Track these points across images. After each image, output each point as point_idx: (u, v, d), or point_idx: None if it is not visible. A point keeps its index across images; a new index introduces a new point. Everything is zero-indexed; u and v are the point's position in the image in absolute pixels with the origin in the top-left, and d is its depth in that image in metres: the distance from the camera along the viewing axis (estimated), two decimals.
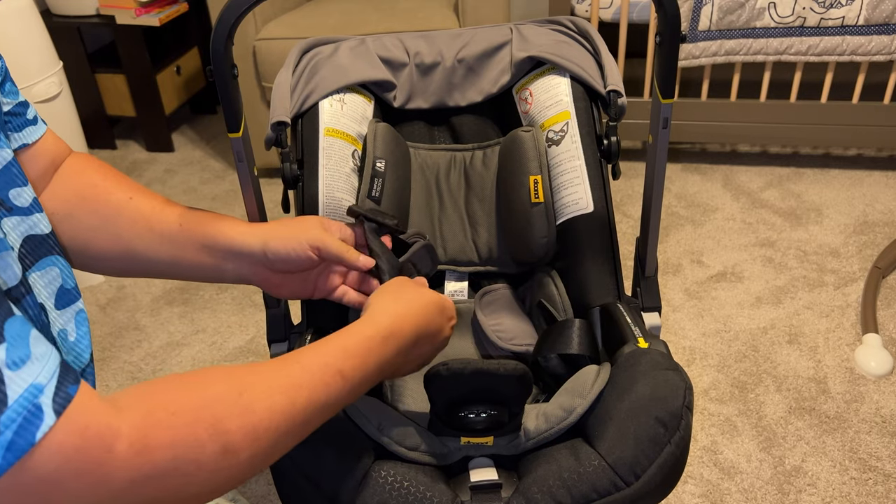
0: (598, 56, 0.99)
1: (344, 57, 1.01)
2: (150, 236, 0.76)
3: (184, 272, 0.78)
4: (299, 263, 0.78)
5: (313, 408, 0.59)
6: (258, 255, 0.77)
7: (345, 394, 0.62)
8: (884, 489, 1.32)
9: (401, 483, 0.69)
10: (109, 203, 0.77)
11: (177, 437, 0.51)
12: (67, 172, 0.78)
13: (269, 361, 0.60)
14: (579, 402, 0.76)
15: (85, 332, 0.69)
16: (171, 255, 0.77)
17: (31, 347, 0.47)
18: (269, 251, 0.76)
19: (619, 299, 0.89)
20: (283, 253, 0.76)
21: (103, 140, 2.61)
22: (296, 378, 0.59)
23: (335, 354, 0.63)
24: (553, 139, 0.98)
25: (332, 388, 0.60)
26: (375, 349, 0.66)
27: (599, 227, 0.92)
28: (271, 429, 0.55)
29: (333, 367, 0.61)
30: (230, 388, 0.55)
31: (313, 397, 0.59)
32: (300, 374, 0.59)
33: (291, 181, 0.95)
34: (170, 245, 0.77)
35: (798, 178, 2.24)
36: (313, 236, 0.77)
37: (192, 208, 0.78)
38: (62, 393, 0.46)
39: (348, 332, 0.66)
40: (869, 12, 1.92)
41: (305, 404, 0.58)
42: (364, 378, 0.64)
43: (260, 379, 0.57)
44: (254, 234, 0.77)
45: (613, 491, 0.68)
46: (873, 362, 1.56)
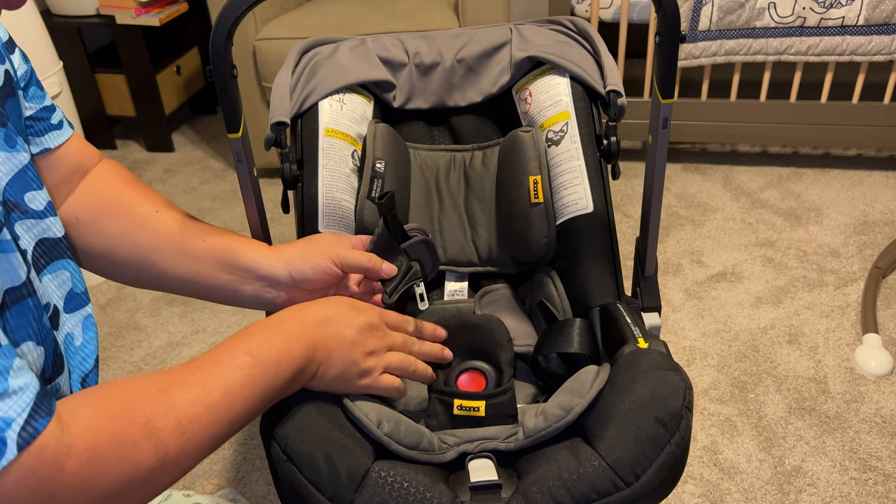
0: (597, 56, 0.99)
1: (343, 57, 1.01)
2: (171, 249, 0.77)
3: (200, 290, 0.79)
4: (324, 280, 0.79)
5: (231, 393, 0.60)
6: (282, 276, 0.78)
7: (258, 372, 0.63)
8: (884, 489, 1.32)
9: (400, 483, 0.69)
10: (135, 213, 0.77)
11: (118, 441, 0.53)
12: (95, 179, 0.78)
13: (184, 363, 0.63)
14: (578, 402, 0.76)
15: (91, 336, 0.69)
16: (191, 270, 0.78)
17: (9, 381, 0.48)
18: (294, 270, 0.77)
19: (618, 299, 0.89)
20: (308, 271, 0.78)
21: (103, 140, 2.61)
22: (206, 368, 0.61)
23: (238, 338, 0.65)
24: (553, 139, 0.98)
25: (243, 369, 0.62)
26: (277, 326, 0.67)
27: (599, 227, 0.92)
28: (195, 420, 0.57)
29: (239, 349, 0.63)
30: (151, 388, 0.58)
31: (228, 381, 0.61)
32: (209, 364, 0.62)
33: (291, 181, 0.95)
34: (190, 261, 0.77)
35: (798, 178, 2.24)
36: (335, 252, 0.78)
37: (217, 227, 0.79)
38: (30, 428, 0.48)
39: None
40: (869, 12, 1.92)
41: (222, 390, 0.60)
42: (273, 353, 0.64)
43: (176, 376, 0.60)
44: (276, 256, 0.78)
45: (613, 491, 0.68)
46: (873, 362, 1.55)
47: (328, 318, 0.71)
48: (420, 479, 0.70)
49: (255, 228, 0.85)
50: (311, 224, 0.94)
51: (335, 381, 0.72)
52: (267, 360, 0.64)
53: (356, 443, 0.73)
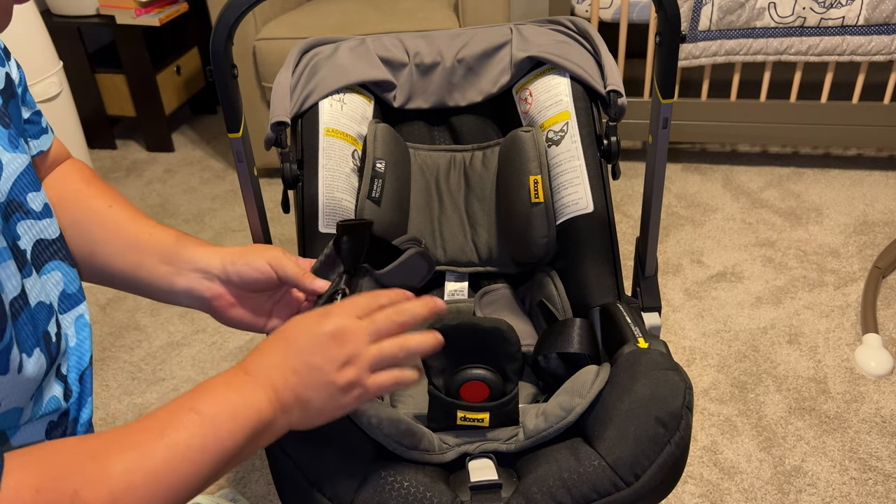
0: (597, 56, 0.99)
1: (344, 57, 1.01)
2: (118, 242, 0.76)
3: (138, 283, 0.77)
4: (257, 279, 0.75)
5: (175, 457, 0.53)
6: (217, 269, 0.75)
7: (208, 431, 0.55)
8: (884, 489, 1.32)
9: (401, 483, 0.69)
10: (88, 208, 0.77)
11: None
12: (57, 175, 0.79)
13: (128, 423, 0.56)
14: (578, 402, 0.76)
15: (85, 336, 0.69)
16: (133, 262, 0.75)
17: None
18: (229, 264, 0.75)
19: (619, 299, 0.89)
20: (242, 266, 0.74)
21: (103, 140, 2.61)
22: (147, 430, 0.54)
23: (186, 396, 0.58)
24: (553, 139, 0.98)
25: (189, 429, 0.54)
26: (231, 377, 0.60)
27: (599, 227, 0.92)
28: (129, 490, 0.51)
29: (185, 407, 0.56)
30: (84, 455, 0.52)
31: (170, 444, 0.53)
32: (151, 425, 0.55)
33: (291, 181, 0.95)
34: (134, 252, 0.76)
35: (798, 178, 2.24)
36: (272, 256, 0.75)
37: (168, 226, 0.78)
38: None
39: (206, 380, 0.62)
40: (869, 12, 1.92)
41: (164, 454, 0.53)
42: (227, 407, 0.57)
43: (113, 439, 0.53)
44: (213, 250, 0.76)
45: (613, 491, 0.68)
46: (873, 362, 1.55)
47: (286, 352, 0.62)
48: (420, 478, 0.70)
49: (255, 228, 0.85)
50: (311, 223, 0.94)
51: (322, 412, 0.63)
52: (218, 416, 0.56)
53: (357, 442, 0.73)
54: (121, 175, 2.48)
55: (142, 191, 2.38)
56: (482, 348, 0.79)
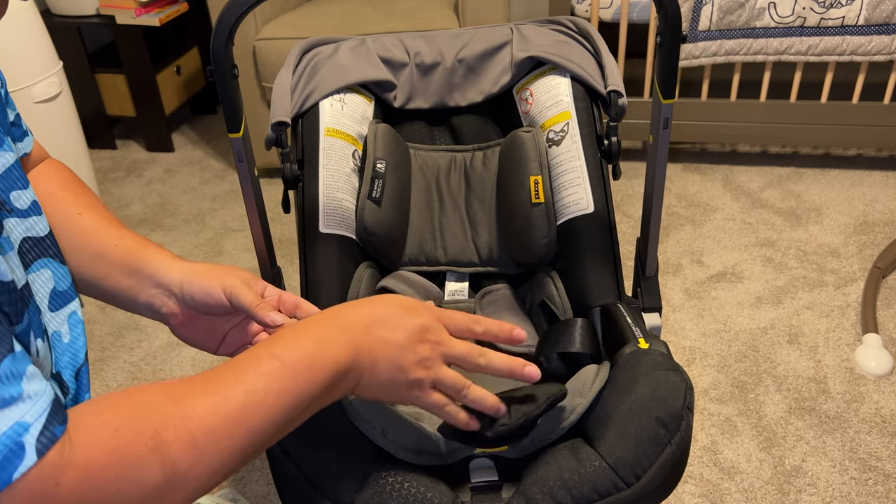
0: (598, 56, 0.99)
1: (344, 57, 1.01)
2: (84, 251, 0.75)
3: (104, 293, 0.76)
4: (209, 304, 0.73)
5: (253, 401, 0.54)
6: (174, 286, 0.74)
7: (287, 377, 0.57)
8: (884, 489, 1.32)
9: (401, 484, 0.69)
10: (59, 213, 0.76)
11: (120, 456, 0.49)
12: (33, 176, 0.78)
13: (207, 370, 0.58)
14: (579, 402, 0.76)
15: (79, 332, 0.69)
16: (100, 273, 0.75)
17: (23, 386, 0.46)
18: (186, 284, 0.73)
19: (619, 299, 0.89)
20: (196, 289, 0.73)
21: (103, 140, 2.61)
22: (227, 375, 0.56)
23: (266, 341, 0.60)
24: (553, 139, 0.98)
25: (269, 375, 0.56)
26: (310, 328, 0.61)
27: (600, 227, 0.92)
28: (209, 432, 0.52)
29: (265, 353, 0.58)
30: (166, 397, 0.53)
31: (250, 389, 0.55)
32: (231, 370, 0.56)
33: (292, 181, 0.95)
34: (101, 263, 0.75)
35: (798, 178, 2.24)
36: (230, 282, 0.73)
37: (136, 235, 0.77)
38: (48, 433, 0.46)
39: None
40: (869, 12, 1.92)
41: (243, 399, 0.54)
42: (305, 357, 0.58)
43: (194, 384, 0.55)
44: (178, 267, 0.74)
45: (614, 491, 0.68)
46: (873, 362, 1.56)
47: (374, 320, 0.63)
48: (421, 479, 0.70)
49: (256, 228, 0.85)
50: (311, 223, 0.94)
51: (383, 389, 0.64)
52: (298, 364, 0.58)
53: (358, 443, 0.73)
54: (121, 175, 2.48)
55: (142, 191, 2.38)
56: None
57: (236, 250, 2.05)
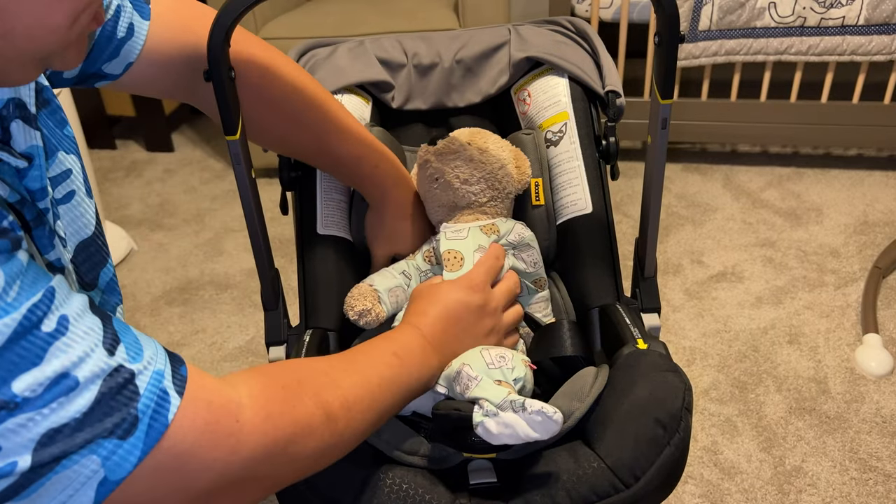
0: (596, 56, 0.99)
1: (341, 58, 1.00)
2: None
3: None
4: None
5: (383, 385, 0.66)
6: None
7: (404, 373, 0.69)
8: (884, 489, 1.32)
9: (399, 486, 0.69)
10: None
11: (291, 406, 0.57)
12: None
13: (334, 354, 0.70)
14: (577, 406, 0.76)
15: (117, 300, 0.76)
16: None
17: (141, 342, 0.51)
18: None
19: (618, 300, 0.89)
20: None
21: (103, 140, 2.61)
22: (360, 361, 0.68)
23: (383, 339, 0.73)
24: (551, 140, 0.97)
25: (392, 368, 0.68)
26: (415, 333, 0.75)
27: (598, 227, 0.92)
28: (357, 400, 0.62)
29: (387, 349, 0.70)
30: (317, 369, 0.63)
31: (381, 374, 0.67)
32: (362, 357, 0.69)
33: (289, 183, 0.95)
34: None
35: (798, 178, 2.23)
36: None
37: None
38: (178, 376, 0.51)
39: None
40: (869, 12, 1.92)
41: (378, 381, 0.66)
42: (416, 359, 0.72)
43: (333, 365, 0.65)
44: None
45: (613, 493, 0.68)
46: (873, 362, 1.55)
47: (448, 321, 0.77)
48: (419, 481, 0.70)
49: (253, 230, 0.85)
50: (309, 225, 0.94)
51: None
52: (411, 363, 0.71)
53: (356, 447, 0.73)
54: (120, 175, 2.48)
55: (141, 191, 2.38)
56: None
57: (236, 250, 2.05)
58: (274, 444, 0.54)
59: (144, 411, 0.48)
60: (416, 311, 0.79)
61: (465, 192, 0.88)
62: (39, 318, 0.45)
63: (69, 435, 0.45)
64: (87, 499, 0.46)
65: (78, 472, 0.45)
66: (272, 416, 0.55)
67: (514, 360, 0.74)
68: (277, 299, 0.91)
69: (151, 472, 0.48)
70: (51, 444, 0.44)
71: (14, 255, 0.45)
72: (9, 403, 0.43)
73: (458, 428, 0.71)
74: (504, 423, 0.67)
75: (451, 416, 0.70)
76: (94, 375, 0.46)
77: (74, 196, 0.65)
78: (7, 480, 0.44)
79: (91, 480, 0.46)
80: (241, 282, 1.94)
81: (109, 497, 0.47)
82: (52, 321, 0.45)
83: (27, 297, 0.44)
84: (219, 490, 0.52)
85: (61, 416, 0.44)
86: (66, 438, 0.45)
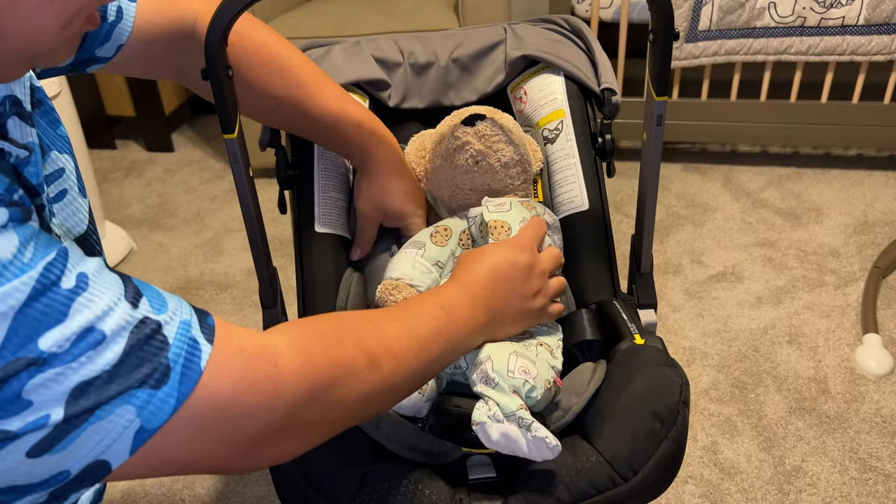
0: (591, 54, 0.99)
1: (337, 57, 1.01)
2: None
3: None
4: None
5: (430, 336, 0.66)
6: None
7: (451, 326, 0.68)
8: (884, 489, 1.32)
9: (399, 481, 0.69)
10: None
11: (331, 350, 0.57)
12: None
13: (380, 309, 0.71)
14: (576, 401, 0.76)
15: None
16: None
17: (162, 295, 0.52)
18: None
19: (615, 296, 0.89)
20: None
21: (103, 140, 2.61)
22: (407, 313, 0.67)
23: (429, 295, 0.72)
24: (548, 137, 0.98)
25: (439, 320, 0.68)
26: (462, 289, 0.74)
27: (595, 224, 0.92)
28: (403, 349, 0.62)
29: (434, 303, 0.69)
30: (361, 318, 0.64)
31: (428, 326, 0.66)
32: (408, 310, 0.68)
33: (286, 181, 0.95)
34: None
35: (798, 178, 2.23)
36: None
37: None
38: (205, 325, 0.51)
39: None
40: (869, 12, 1.92)
41: (425, 332, 0.65)
42: (463, 313, 0.70)
43: (380, 313, 0.66)
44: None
45: (611, 486, 0.68)
46: (873, 362, 1.55)
47: (496, 279, 0.75)
48: (419, 476, 0.70)
49: (251, 229, 0.85)
50: (307, 223, 0.94)
51: (515, 322, 0.77)
52: (458, 317, 0.70)
53: (355, 441, 0.73)
54: (120, 175, 2.48)
55: (141, 191, 2.38)
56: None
57: (236, 250, 2.05)
58: (315, 387, 0.54)
59: (176, 360, 0.48)
60: (462, 271, 0.77)
61: (503, 175, 0.88)
62: (57, 276, 0.45)
63: (101, 387, 0.46)
64: (124, 447, 0.47)
65: (113, 423, 0.46)
66: (312, 359, 0.55)
67: (536, 380, 0.72)
68: (275, 297, 0.92)
69: (190, 421, 0.49)
70: (82, 396, 0.45)
71: (27, 223, 0.47)
72: (37, 360, 0.44)
73: (458, 423, 0.71)
74: (505, 434, 0.67)
75: (452, 413, 0.70)
76: (121, 328, 0.47)
77: (67, 194, 0.66)
78: (41, 433, 0.44)
79: (127, 430, 0.47)
80: (241, 282, 1.94)
81: (151, 447, 0.48)
82: (70, 278, 0.46)
83: (42, 256, 0.45)
84: (263, 439, 0.53)
85: (91, 369, 0.45)
86: (98, 390, 0.45)
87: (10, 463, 0.45)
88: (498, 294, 0.75)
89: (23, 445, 0.44)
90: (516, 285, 0.76)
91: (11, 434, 0.44)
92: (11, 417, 0.44)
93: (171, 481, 1.41)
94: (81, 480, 0.48)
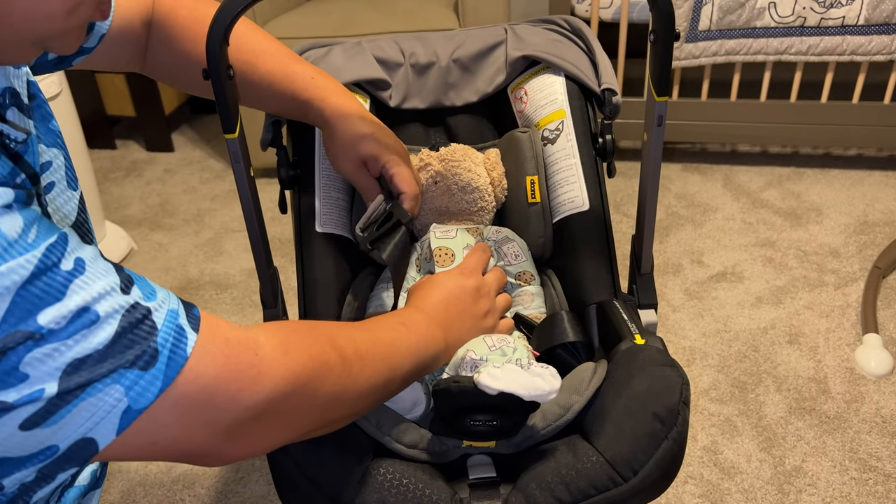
0: (592, 54, 0.99)
1: (337, 57, 1.01)
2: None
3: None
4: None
5: (394, 348, 0.69)
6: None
7: (413, 341, 0.72)
8: (884, 489, 1.32)
9: (399, 480, 0.69)
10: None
11: (307, 345, 0.59)
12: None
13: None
14: (576, 399, 0.76)
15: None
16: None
17: (151, 285, 0.54)
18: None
19: (615, 296, 0.89)
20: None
21: (103, 140, 2.61)
22: (371, 325, 0.71)
23: (389, 314, 0.77)
24: (548, 138, 0.98)
25: (401, 333, 0.71)
26: (418, 312, 0.78)
27: (595, 224, 0.92)
28: (370, 352, 0.65)
29: (394, 320, 0.73)
30: (331, 324, 0.67)
31: (391, 338, 0.70)
32: (373, 323, 0.72)
33: (287, 181, 0.95)
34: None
35: (798, 178, 2.24)
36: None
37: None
38: (191, 315, 0.54)
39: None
40: (869, 12, 1.92)
41: (388, 342, 0.69)
42: (422, 330, 0.74)
43: (347, 322, 0.69)
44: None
45: (611, 486, 0.68)
46: (873, 362, 1.55)
47: (448, 301, 0.81)
48: (419, 475, 0.70)
49: (252, 229, 0.85)
50: (308, 223, 0.94)
51: (469, 337, 0.81)
52: (418, 332, 0.74)
53: (355, 441, 0.73)
54: (120, 175, 2.48)
55: (141, 191, 2.38)
56: (498, 401, 0.72)
57: (236, 250, 2.05)
58: (295, 377, 0.57)
59: (163, 344, 0.50)
60: (417, 297, 0.82)
61: (460, 198, 0.95)
62: (58, 257, 0.48)
63: (93, 365, 0.48)
64: (111, 426, 0.49)
65: (102, 400, 0.48)
66: (290, 351, 0.57)
67: (515, 342, 0.78)
68: (276, 297, 0.92)
69: (175, 403, 0.51)
70: (75, 372, 0.47)
71: (30, 206, 0.49)
72: (34, 334, 0.46)
73: (460, 408, 0.71)
74: (505, 372, 0.69)
75: (452, 390, 0.70)
76: (113, 310, 0.49)
77: (55, 187, 0.69)
78: (34, 406, 0.46)
79: (115, 409, 0.49)
80: (241, 282, 1.94)
81: (137, 427, 0.50)
82: (69, 261, 0.48)
83: (44, 238, 0.48)
84: (243, 426, 0.55)
85: (84, 346, 0.47)
86: (90, 368, 0.48)
87: (2, 434, 0.46)
88: (452, 314, 0.80)
89: (16, 417, 0.46)
90: (467, 307, 0.82)
91: (8, 405, 0.46)
92: (8, 389, 0.45)
93: (171, 481, 1.41)
94: (69, 458, 0.50)
